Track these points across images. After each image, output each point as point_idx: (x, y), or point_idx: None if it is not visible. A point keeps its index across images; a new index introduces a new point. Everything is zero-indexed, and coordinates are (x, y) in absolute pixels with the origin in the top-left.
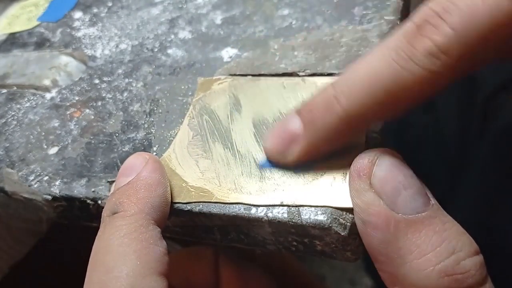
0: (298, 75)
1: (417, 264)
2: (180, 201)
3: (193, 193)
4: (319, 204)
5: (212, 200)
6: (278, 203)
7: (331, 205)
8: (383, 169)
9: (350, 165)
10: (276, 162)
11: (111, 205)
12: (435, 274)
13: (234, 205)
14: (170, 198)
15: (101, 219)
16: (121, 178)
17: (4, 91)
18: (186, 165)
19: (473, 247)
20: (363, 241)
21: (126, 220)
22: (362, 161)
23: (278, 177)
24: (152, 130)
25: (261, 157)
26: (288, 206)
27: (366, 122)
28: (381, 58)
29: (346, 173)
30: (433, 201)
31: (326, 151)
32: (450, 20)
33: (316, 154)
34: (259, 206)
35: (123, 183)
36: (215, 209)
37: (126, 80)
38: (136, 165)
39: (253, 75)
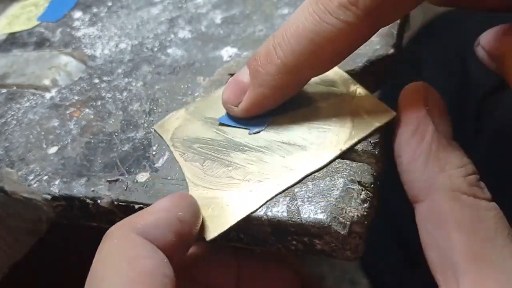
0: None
1: (451, 173)
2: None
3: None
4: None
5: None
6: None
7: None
8: (435, 96)
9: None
10: (231, 114)
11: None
12: (464, 182)
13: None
14: (179, 226)
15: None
16: None
17: (4, 90)
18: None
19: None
20: (403, 154)
21: (111, 242)
22: (416, 83)
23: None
24: (151, 130)
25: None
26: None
27: (302, 72)
28: (305, 11)
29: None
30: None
31: (274, 102)
32: None
33: (263, 105)
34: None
35: None
36: None
37: (126, 79)
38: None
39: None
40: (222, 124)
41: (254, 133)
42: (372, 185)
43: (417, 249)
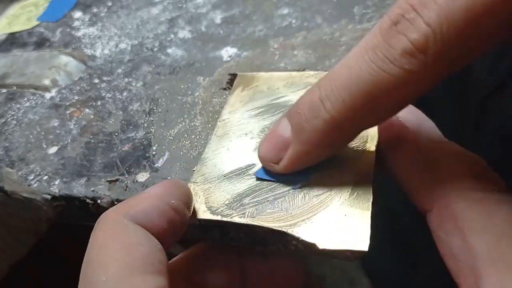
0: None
1: (453, 171)
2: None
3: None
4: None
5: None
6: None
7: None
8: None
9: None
10: (270, 170)
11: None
12: (469, 177)
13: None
14: (170, 214)
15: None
16: None
17: (4, 90)
18: None
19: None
20: (398, 170)
21: (104, 229)
22: None
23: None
24: (151, 130)
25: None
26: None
27: (354, 127)
28: (359, 60)
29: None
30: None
31: (318, 158)
32: (427, 14)
33: (307, 161)
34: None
35: None
36: None
37: (126, 79)
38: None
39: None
40: (259, 179)
41: (299, 188)
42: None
43: (417, 249)
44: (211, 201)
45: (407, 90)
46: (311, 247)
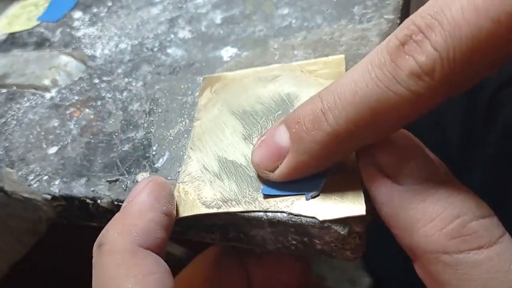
0: None
1: (424, 231)
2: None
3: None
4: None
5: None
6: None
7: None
8: (384, 143)
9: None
10: (264, 178)
11: (99, 236)
12: (442, 237)
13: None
14: (166, 221)
15: (93, 251)
16: (123, 204)
17: (4, 90)
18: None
19: (480, 210)
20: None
21: (112, 256)
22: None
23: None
24: (151, 130)
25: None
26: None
27: (355, 141)
28: (366, 76)
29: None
30: (442, 169)
31: (315, 169)
32: (434, 39)
33: (304, 172)
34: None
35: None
36: None
37: (126, 79)
38: (138, 189)
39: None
40: (267, 196)
41: (312, 197)
42: None
43: None
44: (203, 197)
45: (412, 109)
46: (309, 229)
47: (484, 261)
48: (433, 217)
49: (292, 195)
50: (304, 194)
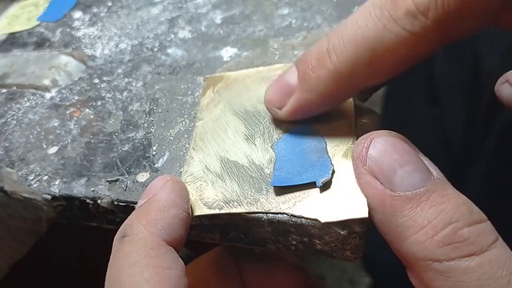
0: None
1: (415, 238)
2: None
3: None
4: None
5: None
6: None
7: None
8: (377, 150)
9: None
10: (273, 115)
11: (121, 228)
12: (433, 244)
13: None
14: (187, 219)
15: (113, 243)
16: (140, 201)
17: (4, 90)
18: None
19: (473, 217)
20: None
21: (135, 245)
22: (357, 147)
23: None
24: (151, 130)
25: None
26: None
27: (356, 81)
28: (367, 16)
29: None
30: (436, 175)
31: (319, 108)
32: None
33: (309, 109)
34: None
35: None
36: None
37: (126, 79)
38: (155, 187)
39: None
40: (277, 188)
41: (323, 184)
42: None
43: None
44: (205, 197)
45: (408, 50)
46: (310, 229)
47: (475, 268)
48: (424, 224)
49: (302, 184)
50: (314, 182)
